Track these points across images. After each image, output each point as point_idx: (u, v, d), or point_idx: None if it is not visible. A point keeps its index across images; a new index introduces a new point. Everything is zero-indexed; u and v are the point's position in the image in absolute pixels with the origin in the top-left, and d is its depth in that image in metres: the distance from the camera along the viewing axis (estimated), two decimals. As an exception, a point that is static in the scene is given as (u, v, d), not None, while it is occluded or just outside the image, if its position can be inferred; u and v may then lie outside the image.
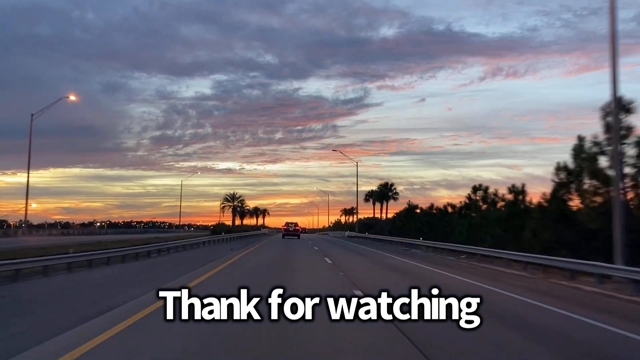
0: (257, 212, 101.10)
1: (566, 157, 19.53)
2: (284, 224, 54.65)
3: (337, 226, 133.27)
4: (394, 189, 79.28)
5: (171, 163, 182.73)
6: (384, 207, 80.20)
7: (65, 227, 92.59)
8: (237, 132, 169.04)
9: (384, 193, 79.16)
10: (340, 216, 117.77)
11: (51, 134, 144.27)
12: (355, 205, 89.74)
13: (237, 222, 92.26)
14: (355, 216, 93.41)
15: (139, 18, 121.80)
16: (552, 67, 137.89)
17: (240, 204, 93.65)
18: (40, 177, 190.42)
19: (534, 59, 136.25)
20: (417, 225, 41.71)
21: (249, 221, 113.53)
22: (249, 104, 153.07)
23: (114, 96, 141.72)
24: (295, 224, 53.48)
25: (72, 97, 39.69)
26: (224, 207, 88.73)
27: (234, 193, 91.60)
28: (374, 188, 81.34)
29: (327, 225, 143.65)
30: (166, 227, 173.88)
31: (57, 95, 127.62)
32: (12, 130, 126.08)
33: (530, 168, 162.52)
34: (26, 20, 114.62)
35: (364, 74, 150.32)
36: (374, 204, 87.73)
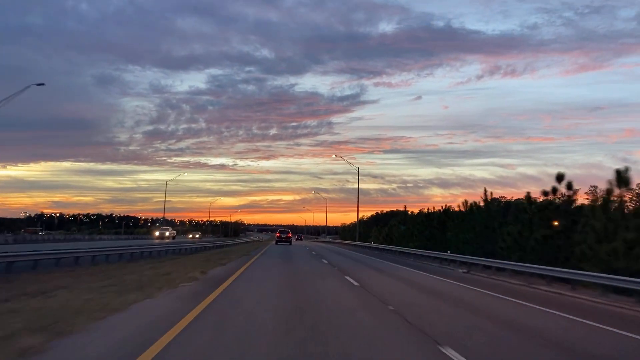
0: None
1: (559, 157, 14.65)
2: (277, 232, 63.99)
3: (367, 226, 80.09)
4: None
5: (164, 158, 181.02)
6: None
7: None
8: (231, 128, 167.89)
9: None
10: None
11: (42, 126, 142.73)
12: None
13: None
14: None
15: (134, 10, 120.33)
16: (550, 66, 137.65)
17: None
18: (31, 170, 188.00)
19: (533, 58, 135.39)
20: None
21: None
22: (244, 99, 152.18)
23: (107, 89, 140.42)
24: (287, 232, 62.81)
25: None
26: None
27: None
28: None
29: (352, 223, 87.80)
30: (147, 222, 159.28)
31: (49, 88, 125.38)
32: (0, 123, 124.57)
33: (523, 167, 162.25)
34: (18, 10, 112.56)
35: (361, 71, 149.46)
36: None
